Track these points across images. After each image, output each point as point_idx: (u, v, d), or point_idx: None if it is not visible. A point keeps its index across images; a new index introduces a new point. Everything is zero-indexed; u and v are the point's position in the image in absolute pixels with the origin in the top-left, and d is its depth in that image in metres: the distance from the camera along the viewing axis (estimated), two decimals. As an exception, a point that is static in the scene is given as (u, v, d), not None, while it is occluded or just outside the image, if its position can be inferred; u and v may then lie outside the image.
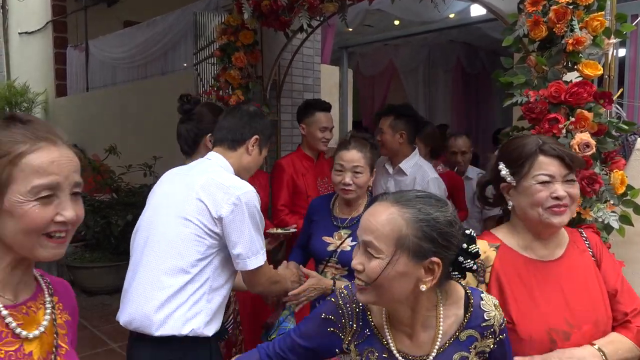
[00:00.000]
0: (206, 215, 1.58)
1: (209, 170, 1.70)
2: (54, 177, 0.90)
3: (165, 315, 1.54)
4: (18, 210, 0.88)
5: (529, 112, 1.83)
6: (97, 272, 5.16)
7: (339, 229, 2.06)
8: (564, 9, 1.77)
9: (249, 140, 1.81)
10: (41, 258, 0.93)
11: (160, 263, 1.58)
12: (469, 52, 7.80)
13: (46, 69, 8.87)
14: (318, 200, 2.28)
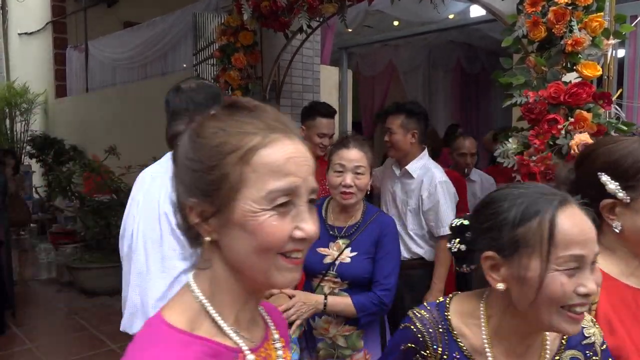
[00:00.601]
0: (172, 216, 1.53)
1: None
2: (292, 179, 0.69)
3: None
4: (251, 222, 0.68)
5: (529, 113, 1.83)
6: (97, 272, 5.16)
7: (336, 238, 1.88)
8: (563, 9, 1.77)
9: None
10: (277, 284, 0.73)
11: (146, 264, 1.58)
12: (468, 53, 7.81)
13: (46, 70, 8.87)
14: None
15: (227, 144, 0.69)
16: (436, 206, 2.43)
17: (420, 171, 2.53)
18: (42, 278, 5.87)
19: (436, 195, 2.43)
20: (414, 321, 1.06)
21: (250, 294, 0.75)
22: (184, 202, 0.73)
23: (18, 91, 8.26)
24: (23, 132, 8.33)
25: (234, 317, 0.74)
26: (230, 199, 0.68)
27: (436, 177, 2.47)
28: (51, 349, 3.92)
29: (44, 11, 8.82)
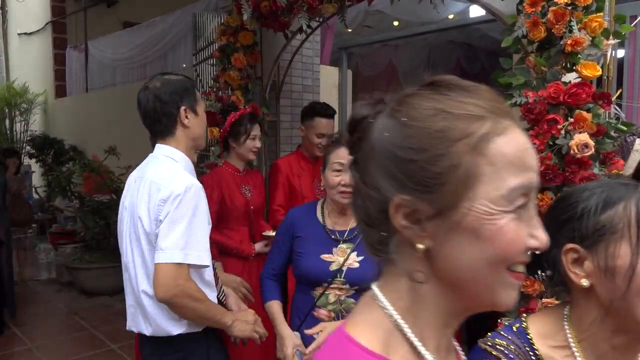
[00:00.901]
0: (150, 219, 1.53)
1: (152, 171, 1.61)
2: (531, 175, 0.56)
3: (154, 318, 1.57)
4: (488, 227, 0.54)
5: (528, 113, 1.83)
6: (97, 273, 5.16)
7: (338, 243, 1.79)
8: (562, 9, 1.77)
9: (179, 116, 1.63)
10: (501, 304, 0.58)
11: (134, 269, 1.61)
12: (468, 53, 7.81)
13: (45, 70, 8.88)
14: (296, 212, 1.93)
15: (454, 128, 0.55)
16: None
17: None
18: (42, 278, 5.87)
19: None
20: (494, 354, 0.84)
21: (455, 317, 0.61)
22: (387, 199, 0.58)
23: (18, 91, 8.26)
24: (23, 132, 8.33)
25: (436, 342, 0.60)
26: (459, 197, 0.54)
27: None
28: (51, 349, 3.92)
29: (44, 11, 8.82)
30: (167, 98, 1.62)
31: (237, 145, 2.58)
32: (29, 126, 8.40)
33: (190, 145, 1.68)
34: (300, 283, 1.86)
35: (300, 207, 2.00)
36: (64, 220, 6.97)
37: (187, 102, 1.65)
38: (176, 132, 1.65)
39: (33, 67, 8.94)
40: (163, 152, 1.65)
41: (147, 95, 1.64)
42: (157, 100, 1.62)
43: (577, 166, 1.76)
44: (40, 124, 8.65)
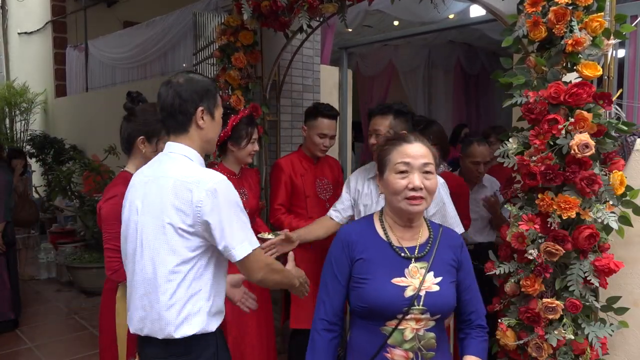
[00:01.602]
0: (182, 217, 1.54)
1: (173, 169, 1.60)
2: None
3: (167, 322, 1.56)
4: None
5: (529, 113, 1.83)
6: (97, 272, 5.16)
7: (410, 261, 1.51)
8: (563, 9, 1.77)
9: (195, 116, 1.63)
10: None
11: (153, 271, 1.58)
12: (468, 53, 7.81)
13: (46, 69, 8.87)
14: (350, 230, 1.60)
15: None
16: (442, 209, 2.25)
17: None
18: (42, 278, 5.87)
19: (440, 197, 2.23)
20: None
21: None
22: None
23: (18, 91, 8.26)
24: (23, 131, 8.33)
25: None
26: None
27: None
28: (51, 348, 3.92)
29: (44, 11, 8.82)
30: (186, 96, 1.62)
31: (237, 149, 2.55)
32: (29, 126, 8.40)
33: (201, 146, 1.68)
34: (360, 318, 1.52)
35: (352, 224, 1.68)
36: (64, 220, 6.97)
37: (205, 104, 1.65)
38: (190, 130, 1.64)
39: (33, 67, 8.93)
40: (177, 150, 1.64)
41: (168, 89, 1.64)
42: (177, 96, 1.62)
43: (578, 166, 1.75)
44: (40, 124, 8.65)
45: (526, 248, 1.85)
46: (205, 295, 1.59)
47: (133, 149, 2.13)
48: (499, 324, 1.95)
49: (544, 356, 1.82)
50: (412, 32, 4.78)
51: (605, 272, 1.77)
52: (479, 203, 3.00)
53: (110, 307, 2.19)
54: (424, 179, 1.48)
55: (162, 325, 1.57)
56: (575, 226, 1.80)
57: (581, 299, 1.80)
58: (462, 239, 1.64)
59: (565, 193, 1.78)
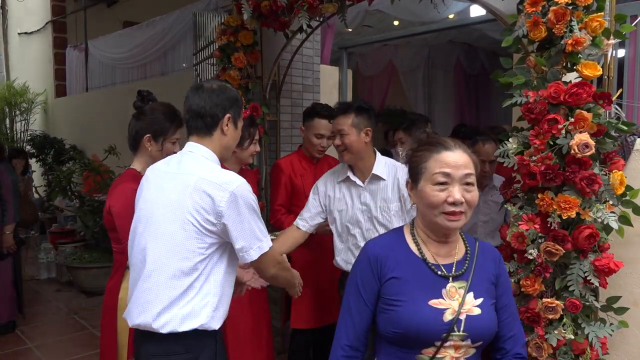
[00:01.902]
0: (203, 215, 1.57)
1: (196, 167, 1.65)
2: None
3: (173, 314, 1.56)
4: None
5: (529, 113, 1.83)
6: (97, 272, 5.16)
7: (447, 281, 1.33)
8: (563, 9, 1.77)
9: (222, 121, 1.69)
10: None
11: (164, 266, 1.59)
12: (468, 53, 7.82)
13: (46, 69, 8.88)
14: (379, 244, 1.41)
15: None
16: None
17: (389, 170, 2.30)
18: (42, 278, 5.87)
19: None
20: None
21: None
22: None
23: (18, 91, 8.26)
24: (23, 131, 8.33)
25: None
26: None
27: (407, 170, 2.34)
28: (51, 348, 3.92)
29: (44, 11, 8.83)
30: (218, 101, 1.69)
31: (240, 149, 2.55)
32: (29, 126, 8.40)
33: (220, 152, 1.73)
34: (391, 344, 1.33)
35: (380, 237, 1.49)
36: (64, 220, 6.97)
37: (233, 112, 1.72)
38: (214, 134, 1.70)
39: (33, 67, 8.94)
40: (198, 151, 1.69)
41: (200, 93, 1.69)
42: (209, 99, 1.68)
43: (578, 166, 1.75)
44: (40, 124, 8.65)
45: (526, 248, 1.85)
46: (215, 290, 1.61)
47: (139, 147, 2.16)
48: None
49: (544, 356, 1.82)
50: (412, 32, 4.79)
51: (605, 272, 1.77)
52: (489, 205, 2.94)
53: (112, 307, 2.19)
54: (464, 191, 1.30)
55: (163, 322, 1.56)
56: (575, 226, 1.80)
57: (581, 298, 1.80)
58: (498, 251, 1.49)
59: (565, 193, 1.78)
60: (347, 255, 2.34)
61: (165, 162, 1.75)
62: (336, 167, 2.45)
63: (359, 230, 2.30)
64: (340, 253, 2.38)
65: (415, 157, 1.38)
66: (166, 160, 1.76)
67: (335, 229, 2.37)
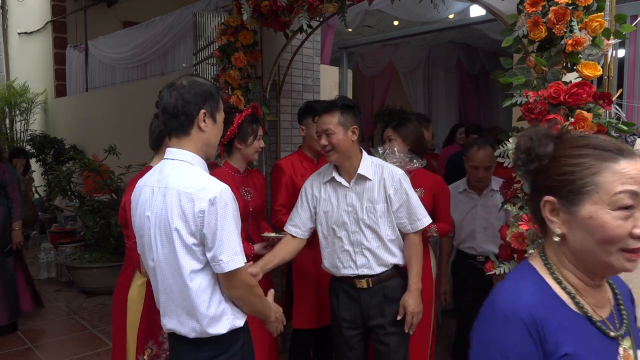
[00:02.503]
0: (189, 228, 1.56)
1: (175, 178, 1.61)
2: None
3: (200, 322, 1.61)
4: None
5: (529, 113, 1.83)
6: (97, 272, 5.16)
7: (617, 342, 0.98)
8: (563, 9, 1.77)
9: (197, 118, 1.63)
10: None
11: (172, 277, 1.62)
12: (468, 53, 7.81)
13: (46, 69, 8.88)
14: (530, 300, 0.94)
15: None
16: (406, 201, 2.21)
17: (375, 169, 2.24)
18: (42, 278, 5.87)
19: (402, 190, 2.20)
20: None
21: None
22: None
23: (18, 91, 8.26)
24: (23, 131, 8.33)
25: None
26: None
27: (395, 171, 2.23)
28: (51, 348, 3.92)
29: (44, 11, 8.82)
30: (189, 97, 1.63)
31: (244, 146, 2.55)
32: (29, 126, 8.40)
33: (203, 150, 1.69)
34: None
35: (524, 291, 0.96)
36: (63, 220, 6.97)
37: (208, 107, 1.66)
38: (192, 132, 1.65)
39: (33, 67, 8.94)
40: (178, 156, 1.64)
41: (171, 91, 1.64)
42: (180, 97, 1.62)
43: (578, 166, 1.75)
44: (40, 124, 8.65)
45: (526, 248, 1.85)
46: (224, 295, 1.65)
47: (162, 146, 2.18)
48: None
49: (544, 356, 1.82)
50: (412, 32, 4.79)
51: (605, 272, 1.77)
52: (489, 210, 2.88)
53: (121, 302, 2.23)
54: None
55: (195, 330, 1.62)
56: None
57: (581, 299, 1.80)
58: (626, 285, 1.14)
59: (565, 193, 1.77)
60: (333, 259, 2.29)
61: (148, 176, 1.72)
62: (322, 168, 2.39)
63: (344, 232, 2.24)
64: (327, 257, 2.33)
65: (569, 166, 0.95)
66: (149, 173, 1.73)
67: (321, 231, 2.32)
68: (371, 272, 2.22)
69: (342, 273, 2.26)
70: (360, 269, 2.23)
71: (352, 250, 2.23)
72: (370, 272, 2.22)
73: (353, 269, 2.23)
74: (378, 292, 2.23)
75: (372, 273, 2.22)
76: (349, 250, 2.24)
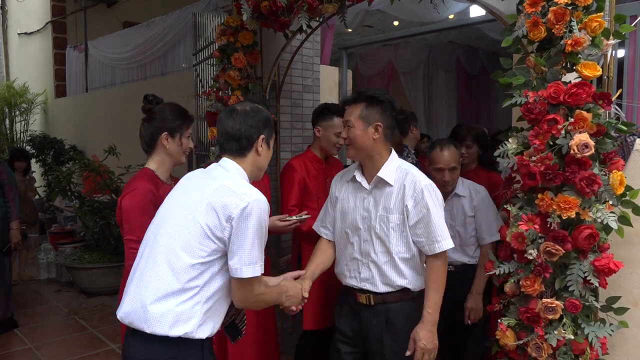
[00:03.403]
0: (214, 219, 1.57)
1: (223, 176, 1.68)
2: None
3: (160, 313, 1.56)
4: None
5: (528, 113, 1.83)
6: (97, 272, 5.16)
7: None
8: (562, 9, 1.77)
9: (257, 142, 1.75)
10: None
11: (166, 260, 1.60)
12: (468, 53, 7.82)
13: (45, 70, 8.88)
14: None
15: None
16: (426, 216, 1.92)
17: (398, 175, 1.99)
18: (42, 278, 5.87)
19: (424, 203, 1.92)
20: None
21: None
22: None
23: (18, 91, 8.27)
24: (23, 132, 8.33)
25: None
26: None
27: (420, 179, 1.95)
28: (51, 349, 3.92)
29: (44, 11, 8.83)
30: (252, 122, 1.74)
31: None
32: (29, 126, 8.41)
33: (253, 172, 1.77)
34: None
35: None
36: (63, 220, 6.97)
37: (266, 133, 1.77)
38: (248, 155, 1.75)
39: (33, 67, 8.94)
40: (231, 167, 1.72)
41: (234, 115, 1.74)
42: (244, 122, 1.73)
43: (577, 166, 1.75)
44: (40, 124, 8.65)
45: (526, 248, 1.85)
46: (210, 301, 1.60)
47: (156, 147, 2.21)
48: (499, 324, 1.95)
49: (543, 356, 1.82)
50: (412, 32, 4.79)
51: (605, 272, 1.77)
52: (455, 217, 2.60)
53: None
54: None
55: (149, 319, 1.56)
56: (575, 226, 1.80)
57: (581, 299, 1.80)
58: None
59: (565, 193, 1.78)
60: (342, 265, 2.13)
61: (200, 170, 1.80)
62: (351, 166, 2.20)
63: (357, 238, 2.05)
64: (338, 262, 2.17)
65: None
66: (202, 169, 1.81)
67: (335, 233, 2.17)
68: (373, 289, 2.01)
69: (347, 282, 2.10)
70: (362, 282, 2.04)
71: (360, 260, 2.04)
72: (372, 288, 2.01)
73: (356, 281, 2.05)
74: (381, 312, 2.01)
75: (374, 290, 2.01)
76: (358, 259, 2.05)
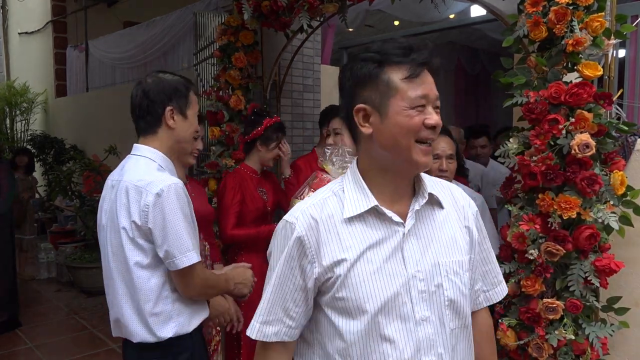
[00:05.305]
0: (131, 220, 1.51)
1: (130, 172, 1.57)
2: None
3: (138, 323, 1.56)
4: None
5: (529, 113, 1.83)
6: (97, 272, 5.12)
7: None
8: (563, 9, 1.77)
9: (164, 116, 1.60)
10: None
11: (118, 274, 1.58)
12: (469, 53, 7.82)
13: (46, 69, 8.88)
14: None
15: None
16: (483, 243, 1.25)
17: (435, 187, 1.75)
18: (42, 278, 5.87)
19: (479, 224, 1.24)
20: None
21: None
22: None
23: (18, 90, 8.26)
24: (23, 131, 8.33)
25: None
26: None
27: None
28: (51, 348, 3.92)
29: (44, 11, 8.83)
30: (154, 96, 1.60)
31: (265, 150, 2.64)
32: (30, 125, 8.40)
33: (174, 147, 1.65)
34: None
35: None
36: (64, 220, 6.97)
37: (175, 103, 1.62)
38: (159, 131, 1.62)
39: (33, 67, 8.94)
40: (140, 152, 1.62)
41: (137, 90, 1.62)
42: (145, 96, 1.60)
43: (578, 166, 1.75)
44: (40, 124, 8.65)
45: (526, 248, 1.85)
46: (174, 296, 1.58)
47: None
48: (500, 324, 1.95)
49: (544, 356, 1.82)
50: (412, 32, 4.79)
51: (605, 272, 1.77)
52: None
53: None
54: None
55: (133, 332, 1.57)
56: (576, 226, 1.80)
57: (582, 299, 1.80)
58: None
59: (566, 193, 1.77)
60: None
61: (117, 170, 1.70)
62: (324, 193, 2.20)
63: (403, 326, 1.68)
64: None
65: None
66: (118, 167, 1.71)
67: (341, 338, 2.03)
68: None
69: None
70: None
71: None
72: None
73: None
74: None
75: None
76: None
